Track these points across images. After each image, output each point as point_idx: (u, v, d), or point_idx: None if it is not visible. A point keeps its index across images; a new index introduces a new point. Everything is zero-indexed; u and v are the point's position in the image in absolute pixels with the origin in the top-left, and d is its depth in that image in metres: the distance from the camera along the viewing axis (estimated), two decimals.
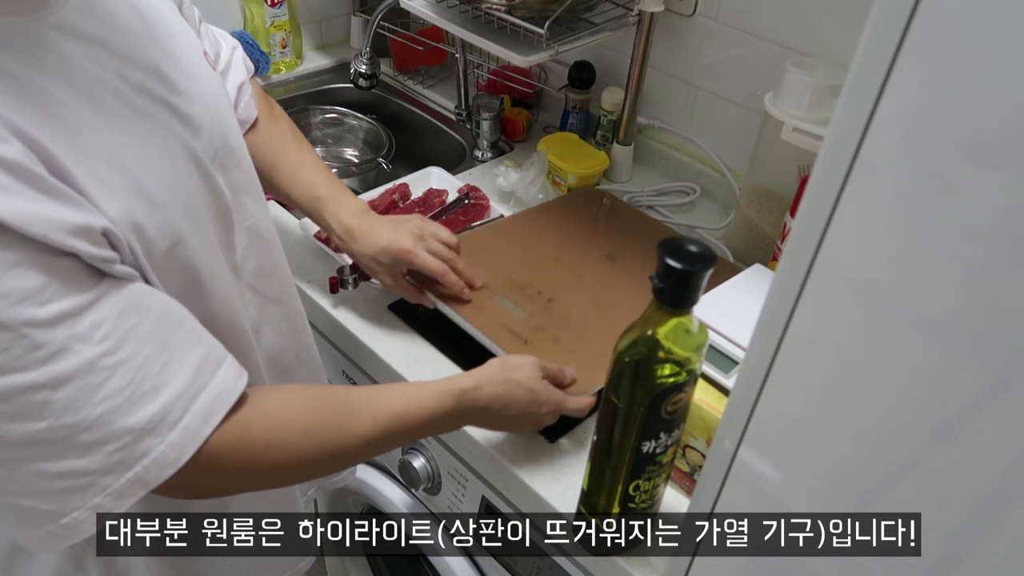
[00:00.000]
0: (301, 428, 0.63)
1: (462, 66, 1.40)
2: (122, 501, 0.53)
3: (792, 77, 0.95)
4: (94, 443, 0.51)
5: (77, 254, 0.50)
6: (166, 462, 0.54)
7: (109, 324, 0.51)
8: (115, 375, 0.51)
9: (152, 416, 0.53)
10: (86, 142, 0.52)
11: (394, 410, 0.68)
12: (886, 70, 0.35)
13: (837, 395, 0.44)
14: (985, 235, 0.35)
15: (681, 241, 0.55)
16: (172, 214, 0.58)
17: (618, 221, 1.14)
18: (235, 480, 0.62)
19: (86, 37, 0.54)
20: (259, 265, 0.76)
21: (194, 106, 0.63)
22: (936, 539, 0.43)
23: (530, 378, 0.76)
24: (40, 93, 0.50)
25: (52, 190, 0.48)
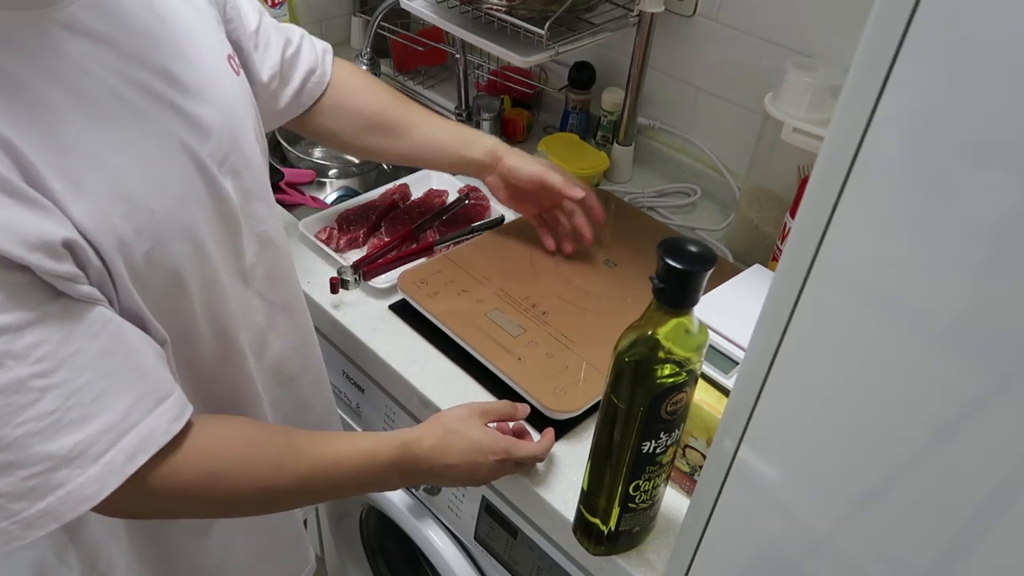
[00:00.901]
0: (239, 460, 0.62)
1: (462, 66, 1.40)
2: (29, 532, 0.51)
3: (792, 78, 0.95)
4: (9, 464, 0.50)
5: (31, 268, 0.48)
6: (82, 496, 0.52)
7: (49, 346, 0.50)
8: (44, 398, 0.50)
9: (75, 446, 0.51)
10: (67, 141, 0.51)
11: (333, 453, 0.67)
12: (886, 71, 0.35)
13: (837, 395, 0.44)
14: (985, 235, 0.35)
15: (681, 241, 0.55)
16: (155, 216, 0.57)
17: (620, 223, 1.15)
18: (165, 505, 0.60)
19: (91, 35, 0.54)
20: (268, 272, 0.75)
21: (205, 109, 0.63)
22: (936, 539, 0.43)
23: (467, 426, 0.74)
24: (23, 90, 0.49)
25: (18, 194, 0.48)
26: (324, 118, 0.92)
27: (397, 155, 0.97)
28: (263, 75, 0.82)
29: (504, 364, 0.87)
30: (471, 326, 0.92)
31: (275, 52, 0.84)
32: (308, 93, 0.90)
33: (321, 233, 1.08)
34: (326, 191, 1.37)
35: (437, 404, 0.87)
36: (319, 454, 0.66)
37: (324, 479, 0.66)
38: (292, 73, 0.87)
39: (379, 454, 0.69)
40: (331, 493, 0.69)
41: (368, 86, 0.95)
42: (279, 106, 0.87)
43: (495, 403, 0.79)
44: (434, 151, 0.96)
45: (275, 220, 0.77)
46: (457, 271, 0.99)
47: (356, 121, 0.93)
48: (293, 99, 0.88)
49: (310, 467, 0.65)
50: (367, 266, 1.01)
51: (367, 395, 1.04)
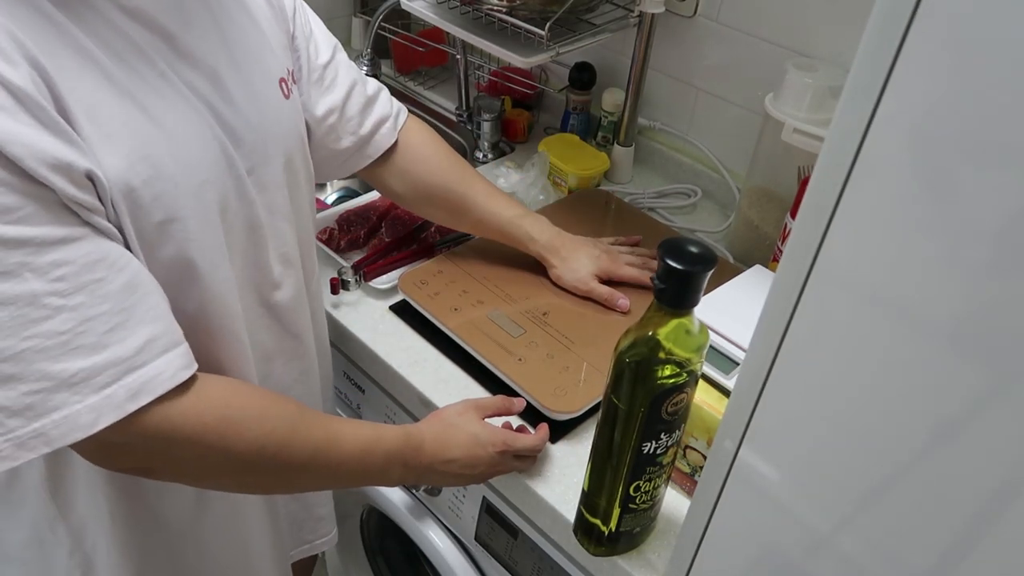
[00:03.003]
0: (258, 412, 0.62)
1: (463, 67, 1.40)
2: (20, 452, 0.51)
3: (792, 78, 0.95)
4: (11, 376, 0.50)
5: (53, 189, 0.49)
6: (77, 424, 0.52)
7: (72, 268, 0.50)
8: (56, 317, 0.50)
9: (78, 371, 0.51)
10: (104, 98, 0.53)
11: (342, 428, 0.68)
12: (887, 71, 0.35)
13: (837, 396, 0.44)
14: (986, 236, 0.35)
15: (682, 242, 0.55)
16: (175, 191, 0.58)
17: (620, 224, 1.15)
18: (178, 454, 0.59)
19: (149, 24, 0.57)
20: (288, 297, 0.76)
21: (241, 120, 0.64)
22: (936, 539, 0.43)
23: (465, 420, 0.75)
24: (74, 43, 0.52)
25: (49, 122, 0.49)
26: (392, 179, 0.93)
27: (456, 228, 1.01)
28: (317, 110, 0.82)
29: (505, 365, 0.87)
30: (471, 327, 0.92)
31: (340, 91, 0.83)
32: (376, 144, 0.89)
33: (321, 234, 1.08)
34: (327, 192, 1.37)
35: (437, 404, 0.87)
36: (330, 427, 0.67)
37: (333, 455, 0.66)
38: (361, 119, 0.87)
39: (383, 439, 0.69)
40: (336, 475, 0.69)
41: (436, 155, 0.94)
42: (339, 146, 0.86)
43: (491, 398, 0.80)
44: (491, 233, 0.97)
45: (307, 248, 0.78)
46: (458, 272, 0.99)
47: (419, 190, 0.93)
48: (357, 146, 0.88)
49: (323, 437, 0.66)
50: (367, 267, 1.01)
51: (368, 396, 1.04)
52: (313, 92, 0.81)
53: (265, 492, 0.73)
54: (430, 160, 0.94)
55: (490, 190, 0.97)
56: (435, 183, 0.93)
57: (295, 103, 0.74)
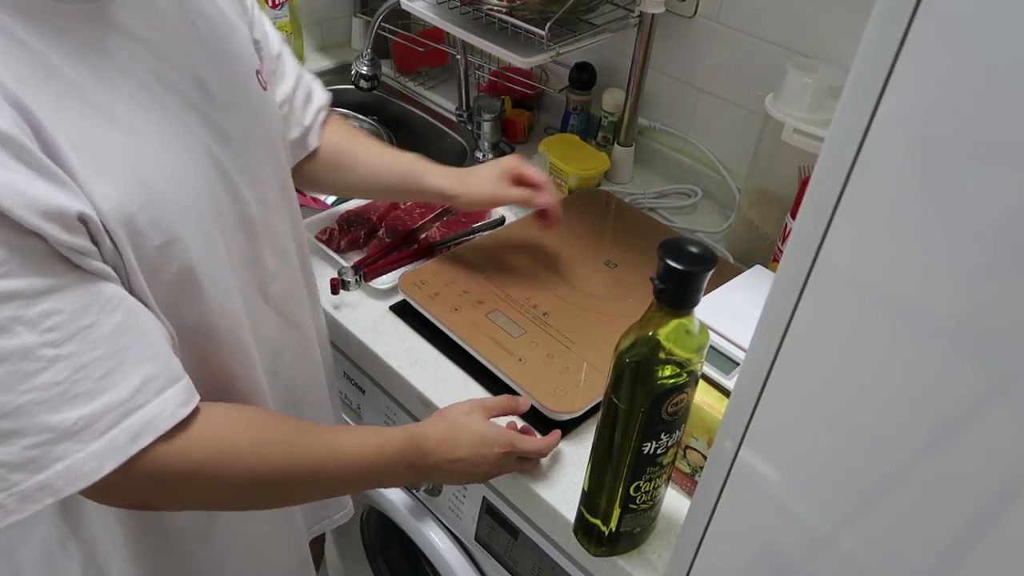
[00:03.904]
0: (250, 441, 0.61)
1: (463, 67, 1.40)
2: (25, 505, 0.51)
3: (793, 78, 0.95)
4: (11, 432, 0.49)
5: (44, 237, 0.48)
6: (81, 472, 0.51)
7: (62, 316, 0.50)
8: (51, 368, 0.49)
9: (78, 420, 0.51)
10: (91, 124, 0.52)
11: (343, 441, 0.67)
12: (887, 71, 0.35)
13: (838, 396, 0.44)
14: (986, 236, 0.35)
15: (682, 242, 0.55)
16: (174, 210, 0.58)
17: (621, 224, 1.15)
18: (175, 491, 0.59)
19: (128, 33, 0.55)
20: (286, 288, 0.76)
21: (229, 118, 0.64)
22: (936, 539, 0.43)
23: (471, 420, 0.75)
24: (52, 72, 0.50)
25: (36, 165, 0.48)
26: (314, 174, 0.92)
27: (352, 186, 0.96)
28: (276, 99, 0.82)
29: (505, 365, 0.87)
30: (472, 327, 0.92)
31: (290, 82, 0.85)
32: (316, 133, 0.90)
33: (322, 234, 1.08)
34: None
35: (438, 405, 0.87)
36: (330, 442, 0.66)
37: (335, 468, 0.66)
38: (304, 109, 0.87)
39: (387, 447, 0.69)
40: (340, 485, 0.69)
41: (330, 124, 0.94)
42: (289, 138, 0.86)
43: (497, 398, 0.80)
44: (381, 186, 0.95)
45: (299, 237, 0.77)
46: (458, 272, 0.99)
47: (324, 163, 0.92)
48: (302, 136, 0.88)
49: (323, 453, 0.65)
50: (368, 267, 1.01)
51: (368, 396, 1.04)
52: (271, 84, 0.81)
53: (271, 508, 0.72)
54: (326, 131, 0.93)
55: (379, 145, 0.95)
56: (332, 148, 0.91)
57: (271, 93, 0.73)
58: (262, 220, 0.69)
